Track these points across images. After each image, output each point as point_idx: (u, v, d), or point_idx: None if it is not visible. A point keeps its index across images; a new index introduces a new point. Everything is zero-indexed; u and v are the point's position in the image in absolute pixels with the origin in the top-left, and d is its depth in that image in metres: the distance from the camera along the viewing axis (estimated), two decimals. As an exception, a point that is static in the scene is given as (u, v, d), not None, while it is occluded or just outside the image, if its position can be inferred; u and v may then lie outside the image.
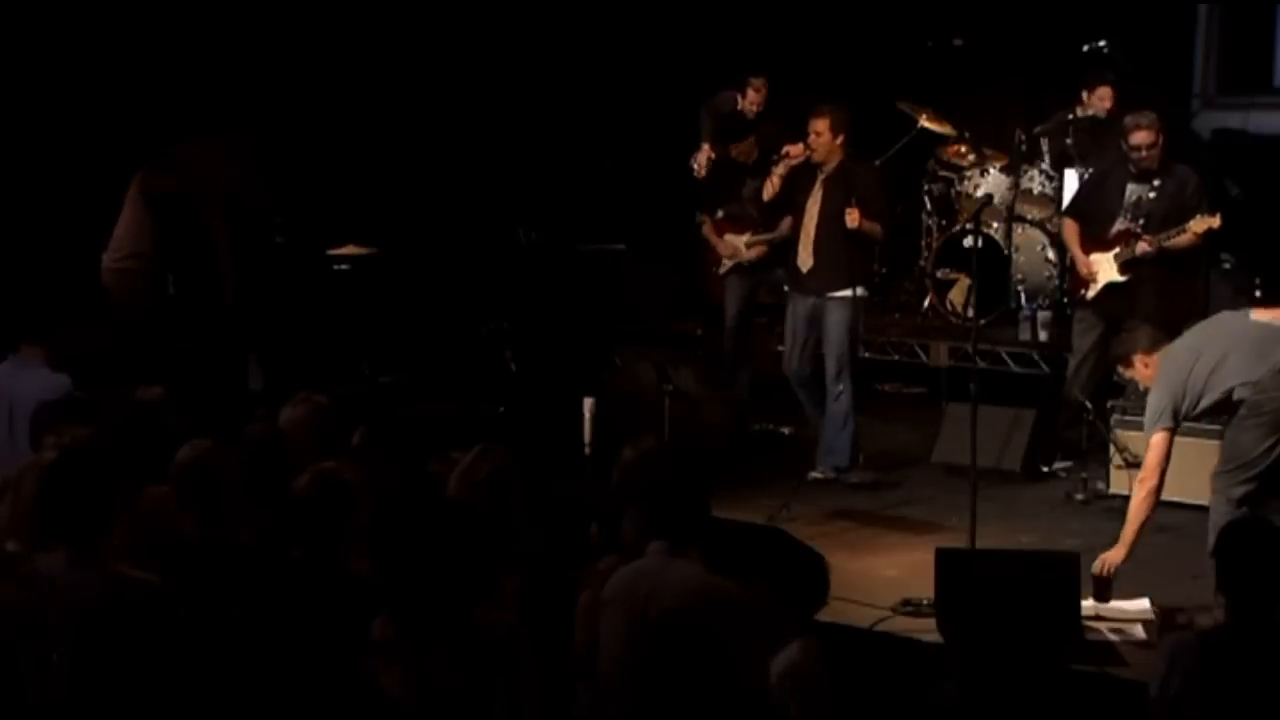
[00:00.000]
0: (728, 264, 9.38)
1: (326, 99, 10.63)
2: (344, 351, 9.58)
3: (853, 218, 8.23)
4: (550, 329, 10.01)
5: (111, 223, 8.91)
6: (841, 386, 8.44)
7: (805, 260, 8.49)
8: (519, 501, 5.34)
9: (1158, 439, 6.60)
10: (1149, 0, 11.11)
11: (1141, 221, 8.32)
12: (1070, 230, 8.73)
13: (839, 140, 8.38)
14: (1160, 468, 6.56)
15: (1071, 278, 8.80)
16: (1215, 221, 8.02)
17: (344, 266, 9.93)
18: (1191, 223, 8.06)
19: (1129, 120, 8.43)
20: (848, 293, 8.35)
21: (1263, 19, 11.80)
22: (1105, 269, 8.42)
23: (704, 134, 10.28)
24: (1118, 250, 8.37)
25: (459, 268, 10.52)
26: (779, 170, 8.59)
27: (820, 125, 8.38)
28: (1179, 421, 6.64)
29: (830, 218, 8.37)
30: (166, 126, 9.22)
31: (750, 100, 9.92)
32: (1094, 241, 8.50)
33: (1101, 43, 10.10)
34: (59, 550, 4.54)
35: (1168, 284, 8.33)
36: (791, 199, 8.66)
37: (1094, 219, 8.56)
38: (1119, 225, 8.41)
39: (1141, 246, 8.17)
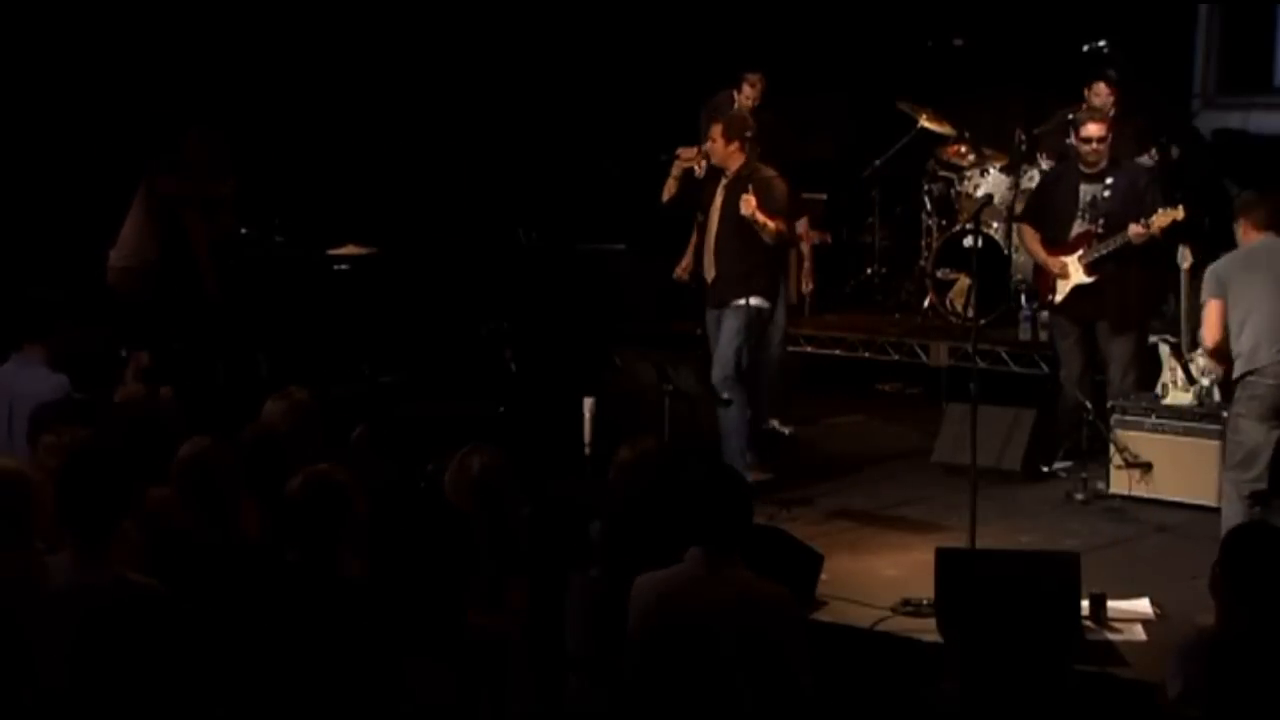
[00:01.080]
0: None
1: (327, 99, 10.64)
2: (344, 351, 9.58)
3: (748, 204, 8.06)
4: (550, 329, 10.00)
5: (115, 222, 8.93)
6: (727, 395, 8.14)
7: (709, 270, 8.37)
8: (513, 500, 5.33)
9: (1213, 305, 6.88)
10: (1149, 0, 11.11)
11: (1101, 221, 8.37)
12: (1029, 235, 8.78)
13: (733, 146, 8.19)
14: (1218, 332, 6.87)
15: (1040, 282, 8.81)
16: (1179, 214, 8.06)
17: (344, 266, 9.92)
18: (1156, 216, 8.09)
19: (1082, 114, 8.60)
20: (752, 301, 8.14)
21: (1263, 19, 11.81)
22: (1072, 272, 8.46)
23: (704, 135, 10.28)
24: (1081, 252, 8.41)
25: (459, 268, 10.51)
26: (673, 172, 8.48)
27: (714, 131, 8.25)
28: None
29: (727, 224, 8.24)
30: (168, 127, 9.21)
31: (746, 95, 9.92)
32: (1055, 245, 8.55)
33: (1101, 43, 10.10)
34: (65, 552, 4.54)
35: (1133, 282, 8.41)
36: (694, 202, 8.54)
37: (1051, 222, 8.62)
38: (1078, 228, 8.47)
39: (1135, 229, 8.15)
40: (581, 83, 11.22)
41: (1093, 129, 8.40)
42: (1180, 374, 8.19)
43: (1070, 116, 10.08)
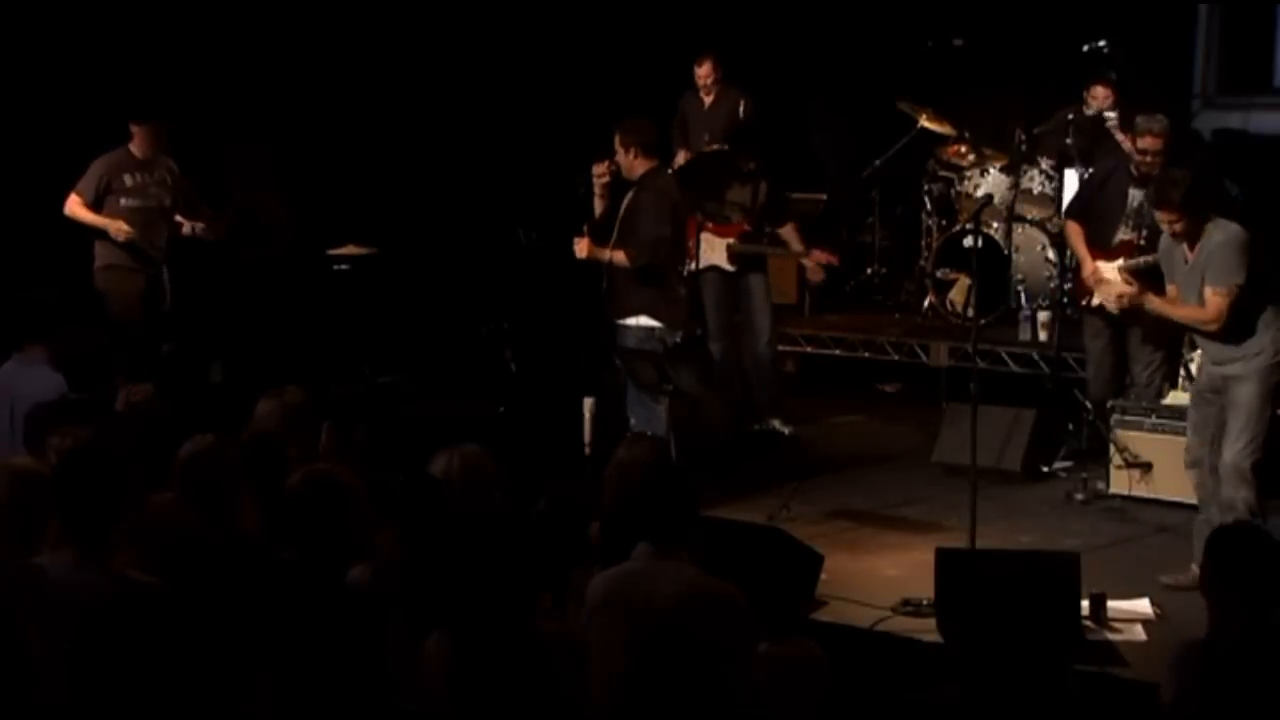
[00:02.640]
0: (702, 263, 9.34)
1: (326, 99, 10.63)
2: (344, 351, 9.58)
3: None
4: (550, 329, 10.00)
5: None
6: (633, 419, 7.85)
7: (605, 280, 8.04)
8: (504, 498, 5.34)
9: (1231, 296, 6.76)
10: (1149, 0, 11.11)
11: (1145, 232, 8.17)
12: (1075, 232, 8.54)
13: (633, 156, 7.85)
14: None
15: (1076, 279, 8.67)
16: None
17: (344, 266, 9.93)
18: None
19: (1141, 122, 8.25)
20: (631, 321, 7.85)
21: (1263, 19, 11.79)
22: (1111, 279, 8.22)
23: (675, 141, 10.36)
24: (1122, 261, 8.21)
25: (459, 268, 10.51)
26: (596, 190, 8.30)
27: (616, 143, 7.93)
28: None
29: (619, 236, 7.95)
30: (170, 126, 9.22)
31: (705, 74, 9.94)
32: (1098, 248, 8.36)
33: (1101, 43, 10.10)
34: (66, 551, 4.53)
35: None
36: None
37: (1097, 221, 8.44)
38: (1123, 234, 8.28)
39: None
40: (583, 83, 11.21)
41: (1150, 142, 8.08)
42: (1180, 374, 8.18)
43: (1070, 116, 10.07)
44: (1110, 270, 8.25)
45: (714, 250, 9.30)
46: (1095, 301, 8.36)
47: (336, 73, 10.66)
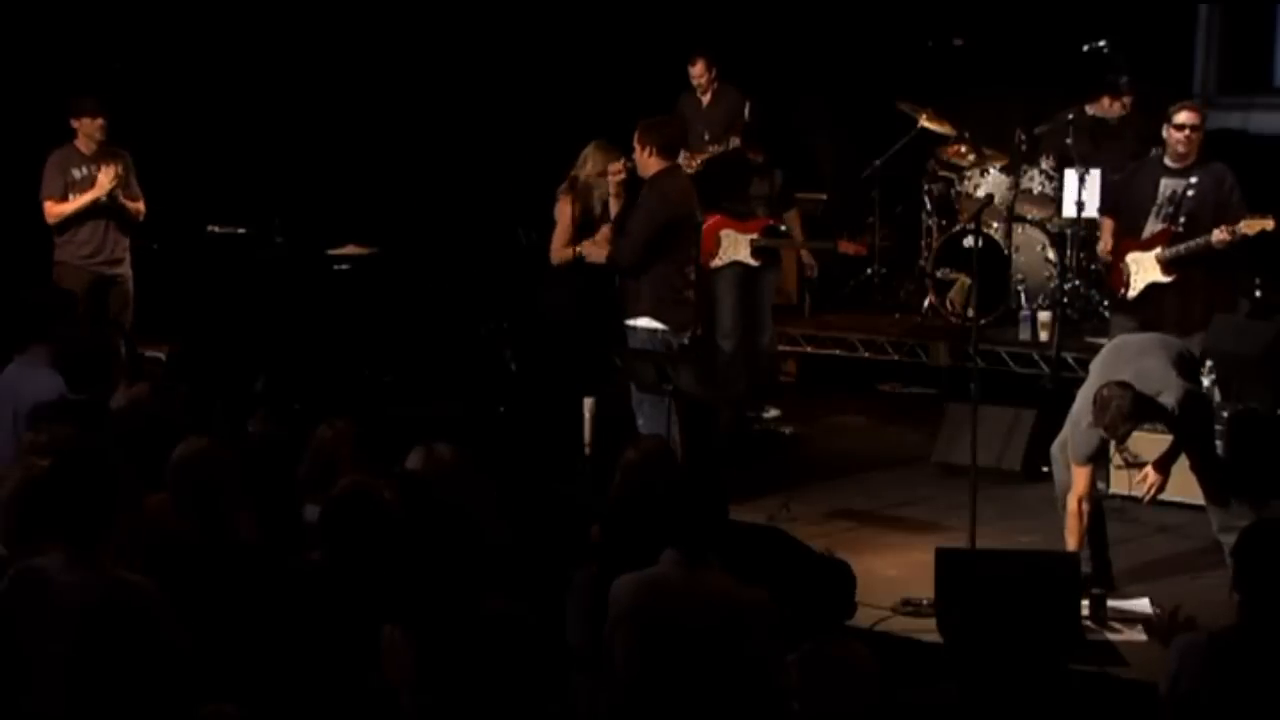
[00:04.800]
0: (722, 260, 9.34)
1: (327, 99, 10.64)
2: (344, 351, 9.58)
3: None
4: (550, 329, 10.00)
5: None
6: (641, 420, 7.72)
7: (618, 280, 8.00)
8: (477, 496, 5.36)
9: None
10: (1149, 0, 11.11)
11: (1182, 220, 8.06)
12: (1105, 226, 8.53)
13: (649, 154, 7.73)
14: None
15: (1111, 274, 8.48)
16: (1269, 224, 7.76)
17: (344, 266, 9.93)
18: (1244, 223, 7.81)
19: (1174, 105, 8.17)
20: (635, 322, 7.78)
21: (1263, 19, 11.80)
22: (1147, 269, 8.15)
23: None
24: (1159, 250, 8.09)
25: (459, 268, 10.51)
26: (613, 191, 8.26)
27: (635, 140, 7.82)
28: None
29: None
30: (171, 126, 9.21)
31: (698, 74, 9.97)
32: (1130, 239, 8.25)
33: (1101, 43, 10.10)
34: (58, 552, 4.53)
35: (1198, 288, 8.13)
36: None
37: (1126, 212, 8.36)
38: (1157, 224, 8.15)
39: (1219, 235, 7.83)
40: (582, 83, 11.21)
41: (1186, 116, 8.01)
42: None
43: (1070, 117, 10.09)
44: (1148, 260, 8.15)
45: (737, 246, 9.31)
46: (1132, 294, 8.23)
47: (336, 72, 10.67)
